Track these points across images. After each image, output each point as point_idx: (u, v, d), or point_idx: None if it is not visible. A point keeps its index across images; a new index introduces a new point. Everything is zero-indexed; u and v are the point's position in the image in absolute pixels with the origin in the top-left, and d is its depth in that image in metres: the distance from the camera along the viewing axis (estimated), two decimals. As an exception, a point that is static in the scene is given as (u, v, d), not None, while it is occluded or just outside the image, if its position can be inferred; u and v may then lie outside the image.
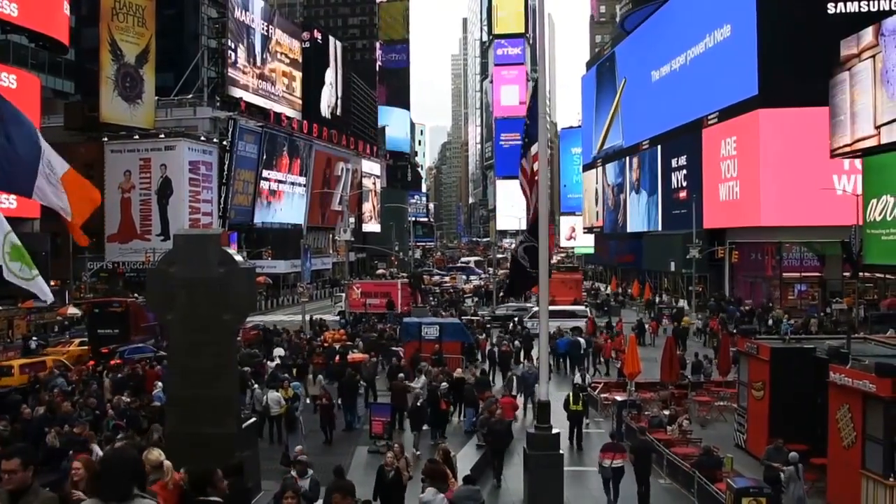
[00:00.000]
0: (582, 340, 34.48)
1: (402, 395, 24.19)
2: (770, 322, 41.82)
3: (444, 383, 24.27)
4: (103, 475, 5.55)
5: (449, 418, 23.75)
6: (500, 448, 18.97)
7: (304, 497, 12.89)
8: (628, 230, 77.21)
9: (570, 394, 22.47)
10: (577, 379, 26.99)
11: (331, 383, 26.80)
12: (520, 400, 25.68)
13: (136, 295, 47.35)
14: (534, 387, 23.04)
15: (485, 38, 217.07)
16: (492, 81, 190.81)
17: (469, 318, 46.31)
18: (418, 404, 22.04)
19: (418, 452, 20.04)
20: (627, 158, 78.88)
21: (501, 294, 54.35)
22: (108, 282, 63.55)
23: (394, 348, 33.35)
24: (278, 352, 33.13)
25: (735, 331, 32.84)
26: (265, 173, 78.77)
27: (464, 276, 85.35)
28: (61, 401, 21.10)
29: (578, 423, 22.22)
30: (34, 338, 42.15)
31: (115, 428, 18.13)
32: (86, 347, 36.71)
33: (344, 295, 54.88)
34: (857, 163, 42.37)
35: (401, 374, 25.72)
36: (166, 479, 8.51)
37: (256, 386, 24.12)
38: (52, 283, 51.74)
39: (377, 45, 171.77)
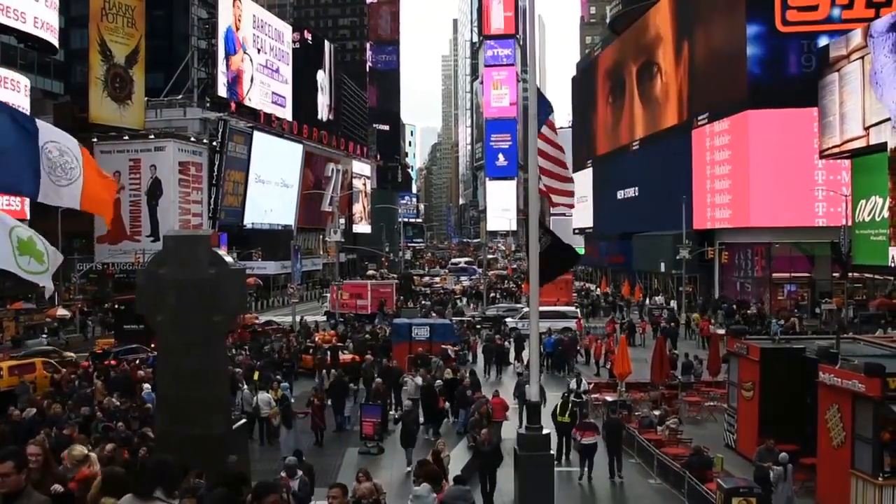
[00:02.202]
0: (562, 338, 35.07)
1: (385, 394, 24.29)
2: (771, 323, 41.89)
3: (438, 381, 24.34)
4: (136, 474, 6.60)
5: (447, 415, 23.81)
6: (489, 470, 17.44)
7: (294, 497, 12.92)
8: (618, 231, 77.25)
9: (559, 404, 21.39)
10: (573, 384, 25.36)
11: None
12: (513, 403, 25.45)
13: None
14: (524, 387, 22.93)
15: (475, 39, 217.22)
16: (482, 82, 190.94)
17: (459, 319, 46.40)
18: (408, 412, 20.86)
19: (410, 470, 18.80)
20: (618, 159, 78.98)
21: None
22: (97, 283, 63.25)
23: (445, 347, 33.44)
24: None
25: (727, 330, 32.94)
26: (255, 174, 78.60)
27: (455, 277, 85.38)
28: (51, 402, 21.00)
29: (567, 436, 20.69)
30: (43, 335, 42.35)
31: (105, 430, 18.04)
32: None
33: (328, 296, 55.32)
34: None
35: (377, 380, 25.75)
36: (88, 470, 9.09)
37: (246, 387, 24.08)
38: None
39: (367, 46, 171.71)
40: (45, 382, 27.98)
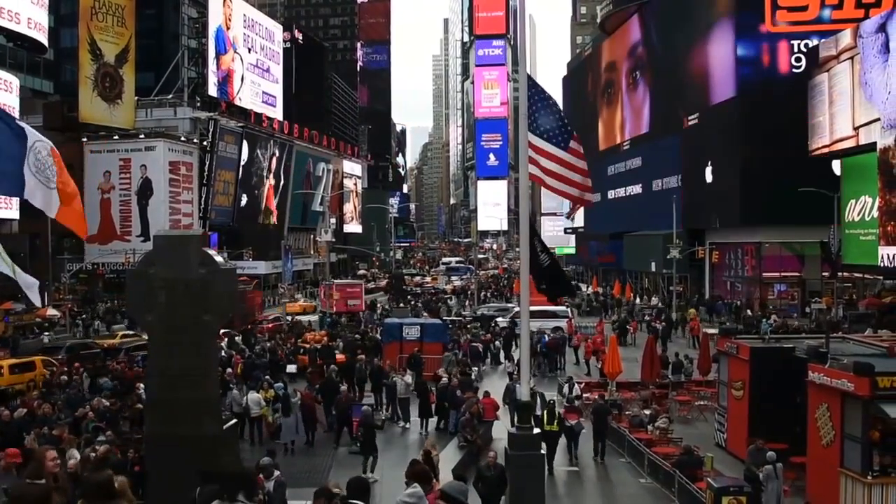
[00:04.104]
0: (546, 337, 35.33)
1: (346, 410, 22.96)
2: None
3: (443, 379, 24.31)
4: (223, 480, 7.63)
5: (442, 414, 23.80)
6: (492, 499, 15.01)
7: (270, 497, 12.96)
8: (609, 231, 77.34)
9: (546, 412, 20.42)
10: (566, 390, 24.59)
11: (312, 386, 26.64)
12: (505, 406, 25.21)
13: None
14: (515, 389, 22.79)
15: (466, 38, 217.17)
16: (473, 82, 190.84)
17: (452, 318, 46.35)
18: (373, 419, 20.00)
19: (376, 478, 18.30)
20: (609, 159, 79.06)
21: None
22: (87, 283, 63.07)
23: (475, 344, 33.79)
24: None
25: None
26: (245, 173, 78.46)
27: (446, 277, 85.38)
28: (40, 402, 20.91)
29: (552, 446, 19.34)
30: (45, 333, 42.60)
31: (96, 430, 17.98)
32: None
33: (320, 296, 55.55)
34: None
35: (343, 388, 25.52)
36: None
37: (234, 387, 23.99)
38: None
39: (358, 45, 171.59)
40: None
